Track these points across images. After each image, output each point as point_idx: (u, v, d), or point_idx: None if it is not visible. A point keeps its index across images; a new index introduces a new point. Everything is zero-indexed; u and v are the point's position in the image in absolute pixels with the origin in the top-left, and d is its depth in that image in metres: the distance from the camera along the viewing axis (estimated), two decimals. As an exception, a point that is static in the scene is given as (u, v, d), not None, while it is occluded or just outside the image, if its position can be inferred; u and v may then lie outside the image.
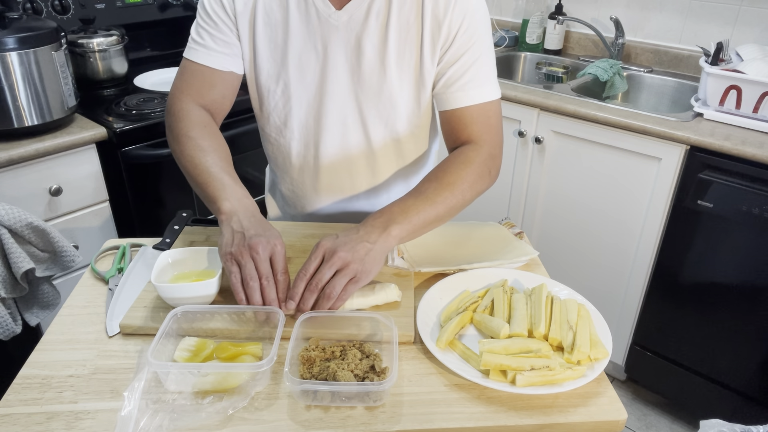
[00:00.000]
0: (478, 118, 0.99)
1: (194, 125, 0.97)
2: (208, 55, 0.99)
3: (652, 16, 2.20)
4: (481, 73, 0.98)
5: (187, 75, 1.01)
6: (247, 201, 0.88)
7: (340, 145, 1.05)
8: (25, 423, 0.67)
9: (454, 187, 0.94)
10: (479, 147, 0.99)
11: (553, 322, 0.80)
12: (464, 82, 0.97)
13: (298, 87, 1.01)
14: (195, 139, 0.95)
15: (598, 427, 0.71)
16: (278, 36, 0.98)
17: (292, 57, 0.99)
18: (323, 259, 0.82)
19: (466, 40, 0.95)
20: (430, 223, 0.91)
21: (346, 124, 1.03)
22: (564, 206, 1.98)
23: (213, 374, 0.70)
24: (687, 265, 1.73)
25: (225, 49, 0.99)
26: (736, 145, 1.54)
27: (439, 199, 0.92)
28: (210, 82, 1.00)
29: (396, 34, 0.96)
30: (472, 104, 0.98)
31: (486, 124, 1.00)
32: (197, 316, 0.79)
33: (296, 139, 1.06)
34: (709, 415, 0.86)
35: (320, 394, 0.70)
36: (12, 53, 1.42)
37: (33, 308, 1.37)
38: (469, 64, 0.97)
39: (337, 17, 0.95)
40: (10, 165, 1.44)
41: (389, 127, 1.04)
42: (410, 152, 1.10)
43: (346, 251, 0.81)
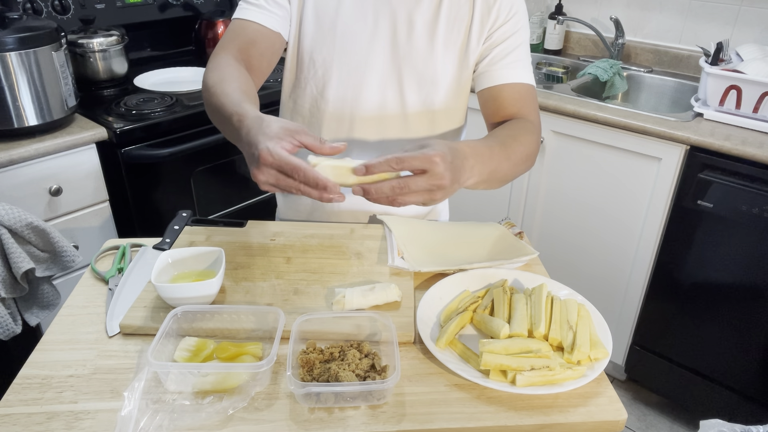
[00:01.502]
0: (527, 96, 1.02)
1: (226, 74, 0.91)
2: (258, 12, 0.98)
3: (652, 16, 2.20)
4: (525, 57, 1.03)
5: (230, 33, 1.00)
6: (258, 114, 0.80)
7: (376, 117, 1.05)
8: (25, 423, 0.67)
9: (526, 152, 0.94)
10: (535, 125, 1.01)
11: (553, 322, 0.80)
12: (512, 60, 1.01)
13: (342, 56, 1.01)
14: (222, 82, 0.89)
15: (598, 427, 0.71)
16: (329, 2, 0.99)
17: (340, 25, 0.99)
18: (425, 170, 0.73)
19: (513, 24, 1.01)
20: (493, 178, 0.89)
21: (384, 97, 1.04)
22: (564, 206, 1.98)
23: (213, 374, 0.70)
24: (687, 265, 1.73)
25: (275, 9, 0.99)
26: (736, 145, 1.54)
27: (513, 157, 0.91)
28: (252, 38, 0.98)
29: (447, 13, 0.99)
30: (520, 82, 1.01)
31: (534, 105, 1.03)
32: (197, 316, 0.79)
33: (330, 111, 1.06)
34: (709, 415, 0.86)
35: (323, 396, 0.70)
36: (12, 53, 1.42)
37: (33, 308, 1.37)
38: (515, 45, 1.01)
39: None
40: (10, 165, 1.44)
41: (427, 105, 1.05)
42: (444, 131, 1.11)
43: (449, 181, 0.74)
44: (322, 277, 0.92)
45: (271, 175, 0.71)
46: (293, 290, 0.88)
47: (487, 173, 0.85)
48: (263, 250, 0.98)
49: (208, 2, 2.21)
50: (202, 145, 1.72)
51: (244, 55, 0.97)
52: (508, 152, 0.91)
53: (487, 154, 0.85)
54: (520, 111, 1.01)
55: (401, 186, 0.72)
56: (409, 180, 0.72)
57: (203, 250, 0.89)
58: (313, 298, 0.87)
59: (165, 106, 1.70)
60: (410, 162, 0.72)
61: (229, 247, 0.97)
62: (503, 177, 0.92)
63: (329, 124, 1.07)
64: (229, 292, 0.87)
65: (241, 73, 0.92)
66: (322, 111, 1.06)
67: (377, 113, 1.05)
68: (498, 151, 0.89)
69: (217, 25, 2.09)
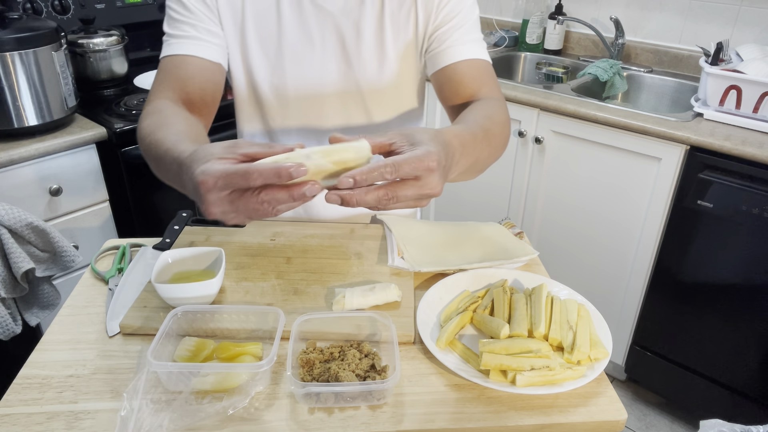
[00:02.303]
0: (486, 72, 0.96)
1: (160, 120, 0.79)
2: (188, 44, 0.89)
3: (652, 16, 2.20)
4: (477, 34, 0.97)
5: (160, 74, 0.89)
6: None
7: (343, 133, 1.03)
8: (25, 423, 0.67)
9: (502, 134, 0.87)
10: (503, 102, 0.94)
11: (553, 322, 0.80)
12: (463, 38, 0.95)
13: (296, 82, 0.97)
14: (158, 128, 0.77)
15: (598, 427, 0.71)
16: (270, 29, 0.94)
17: (287, 51, 0.95)
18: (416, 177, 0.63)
19: (457, 2, 0.95)
20: (473, 169, 0.82)
21: (348, 113, 1.02)
22: (564, 206, 1.98)
23: (213, 374, 0.70)
24: (687, 265, 1.73)
25: (207, 37, 0.90)
26: (736, 145, 1.54)
27: (494, 142, 0.84)
28: (186, 74, 0.88)
29: (390, 11, 0.95)
30: (476, 57, 0.95)
31: (495, 82, 0.96)
32: (197, 316, 0.79)
33: (295, 134, 1.04)
34: (709, 415, 0.86)
35: (323, 396, 0.70)
36: (12, 53, 1.42)
37: (33, 308, 1.37)
38: (463, 23, 0.95)
39: (332, 3, 0.93)
40: (10, 165, 1.45)
41: (394, 108, 1.03)
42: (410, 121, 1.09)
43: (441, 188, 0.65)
44: (322, 277, 0.92)
45: (222, 199, 0.58)
46: (293, 290, 0.88)
47: (470, 164, 0.78)
48: (263, 250, 0.98)
49: (208, 2, 2.21)
50: (202, 145, 1.72)
51: (182, 94, 0.88)
52: (489, 137, 0.83)
53: (471, 144, 0.77)
54: (482, 89, 0.94)
55: (389, 197, 0.62)
56: (399, 190, 0.62)
57: (203, 250, 0.89)
58: (313, 298, 0.87)
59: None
60: (405, 169, 0.61)
61: (229, 247, 0.97)
62: (482, 166, 0.86)
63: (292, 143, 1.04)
64: (229, 292, 0.87)
65: (179, 114, 0.83)
66: (285, 141, 1.02)
67: (343, 130, 1.02)
68: (481, 138, 0.81)
69: (217, 25, 2.10)
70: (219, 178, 0.57)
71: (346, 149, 0.62)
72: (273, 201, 0.58)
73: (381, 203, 0.62)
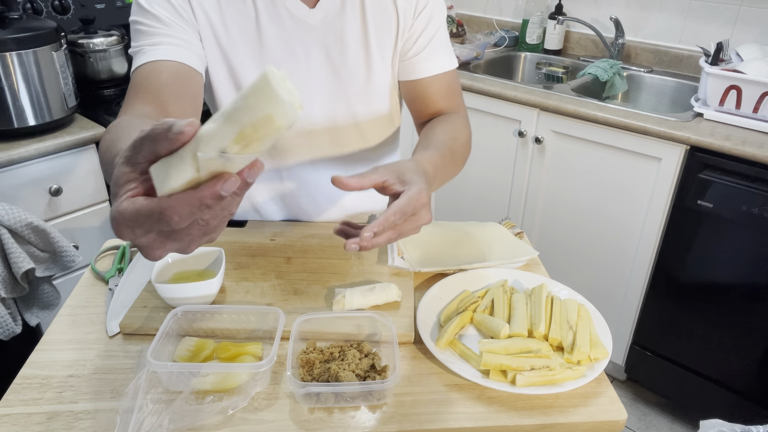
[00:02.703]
0: (453, 86, 1.02)
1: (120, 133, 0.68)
2: (161, 49, 0.81)
3: (652, 16, 2.20)
4: (445, 41, 1.01)
5: (131, 89, 0.81)
6: None
7: (329, 134, 1.02)
8: (25, 423, 0.67)
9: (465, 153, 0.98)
10: (465, 117, 1.03)
11: (553, 322, 0.80)
12: (434, 48, 0.99)
13: None
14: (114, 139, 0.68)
15: (598, 427, 0.71)
16: (252, 46, 0.91)
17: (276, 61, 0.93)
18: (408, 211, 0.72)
19: (430, 9, 0.97)
20: (439, 185, 0.90)
21: (336, 124, 1.01)
22: (564, 206, 1.98)
23: (213, 374, 0.70)
24: (687, 265, 1.73)
25: (185, 44, 0.84)
26: (736, 145, 1.54)
27: (459, 160, 0.95)
28: (160, 82, 0.79)
29: (373, 20, 0.95)
30: (444, 71, 1.00)
31: (460, 94, 1.04)
32: (197, 316, 0.79)
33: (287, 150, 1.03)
34: (709, 415, 0.86)
35: (323, 396, 0.70)
36: (12, 53, 1.42)
37: (33, 308, 1.37)
38: (434, 30, 0.99)
39: (312, 16, 0.92)
40: (10, 165, 1.45)
41: (378, 112, 1.03)
42: (394, 130, 1.11)
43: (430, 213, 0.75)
44: (322, 277, 0.92)
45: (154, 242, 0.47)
46: (293, 290, 0.88)
47: (440, 184, 0.88)
48: (263, 250, 0.98)
49: (208, 2, 2.21)
50: (202, 145, 1.72)
51: (156, 105, 0.78)
52: (455, 158, 0.94)
53: (442, 168, 0.87)
54: (450, 105, 1.02)
55: (396, 235, 0.73)
56: (402, 227, 0.73)
57: (203, 250, 0.89)
58: (313, 298, 0.87)
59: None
60: (407, 210, 0.71)
61: (229, 247, 0.97)
62: (446, 181, 0.93)
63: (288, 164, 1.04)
64: (229, 292, 0.87)
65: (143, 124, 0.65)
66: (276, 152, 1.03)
67: (330, 132, 1.02)
68: (449, 159, 0.90)
69: (217, 25, 2.09)
70: (134, 224, 0.44)
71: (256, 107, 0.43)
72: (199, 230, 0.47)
73: (391, 241, 0.73)
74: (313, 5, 0.92)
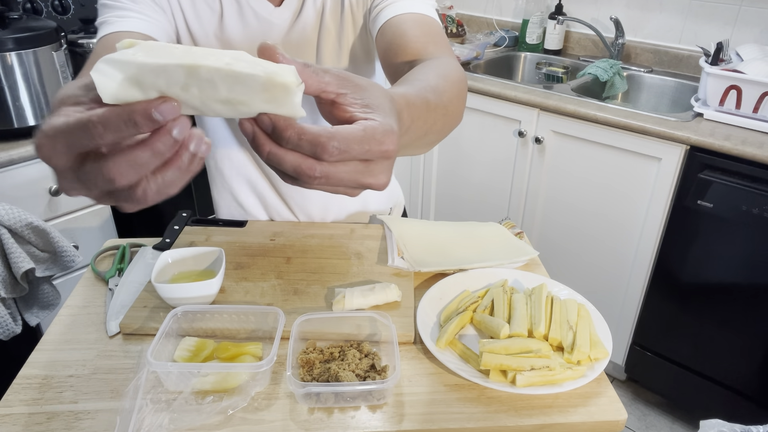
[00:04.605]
0: (436, 30, 0.82)
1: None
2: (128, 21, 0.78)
3: (652, 16, 2.20)
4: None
5: (90, 60, 0.75)
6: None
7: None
8: (25, 423, 0.67)
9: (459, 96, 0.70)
10: (458, 63, 0.76)
11: (553, 322, 0.80)
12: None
13: None
14: None
15: (598, 427, 0.71)
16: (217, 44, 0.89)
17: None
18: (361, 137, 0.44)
19: None
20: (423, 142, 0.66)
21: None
22: (564, 206, 1.98)
23: (213, 374, 0.70)
24: (687, 265, 1.73)
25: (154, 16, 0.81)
26: (736, 145, 1.54)
27: (450, 108, 0.67)
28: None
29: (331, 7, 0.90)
30: (422, 13, 0.83)
31: (447, 43, 0.82)
32: (197, 316, 0.79)
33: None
34: (709, 415, 0.86)
35: (323, 396, 0.70)
36: (12, 53, 1.42)
37: (33, 308, 1.37)
38: None
39: (278, 14, 0.89)
40: (10, 165, 1.44)
41: None
42: None
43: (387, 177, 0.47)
44: (322, 277, 0.92)
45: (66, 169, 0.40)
46: (293, 290, 0.88)
47: (416, 138, 0.60)
48: (263, 250, 0.98)
49: (208, 2, 2.21)
50: (202, 145, 1.72)
51: None
52: (444, 103, 0.65)
53: (423, 114, 0.60)
54: (429, 47, 0.77)
55: (317, 174, 0.43)
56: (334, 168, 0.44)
57: (203, 250, 0.89)
58: (313, 298, 0.87)
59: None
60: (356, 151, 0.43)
61: (229, 247, 0.97)
62: (434, 138, 0.67)
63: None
64: (229, 292, 0.87)
65: None
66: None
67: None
68: (434, 104, 0.63)
69: (217, 25, 2.09)
70: (56, 138, 0.38)
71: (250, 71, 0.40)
72: (128, 167, 0.38)
73: (302, 177, 0.43)
74: (278, 3, 0.89)
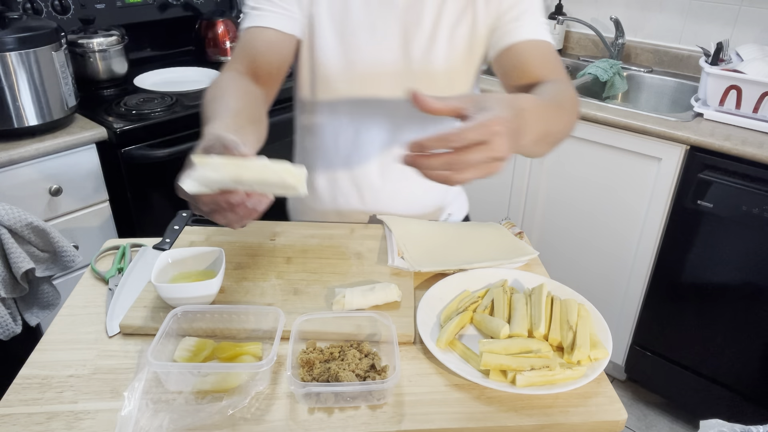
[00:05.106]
0: (553, 56, 0.95)
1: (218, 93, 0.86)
2: (264, 16, 0.95)
3: (652, 16, 2.20)
4: (541, 18, 0.97)
5: (237, 46, 0.97)
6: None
7: (390, 130, 1.05)
8: (25, 423, 0.67)
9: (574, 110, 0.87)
10: (571, 84, 0.94)
11: (553, 322, 0.80)
12: (528, 20, 0.95)
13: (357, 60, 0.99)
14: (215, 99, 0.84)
15: (598, 427, 0.71)
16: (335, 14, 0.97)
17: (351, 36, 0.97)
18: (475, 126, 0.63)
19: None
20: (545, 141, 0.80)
21: (397, 109, 1.02)
22: (564, 206, 1.98)
23: (213, 374, 0.70)
24: (687, 265, 1.73)
25: (284, 11, 0.95)
26: (736, 145, 1.54)
27: (564, 118, 0.83)
28: (258, 46, 0.95)
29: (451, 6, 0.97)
30: (542, 39, 0.95)
31: (563, 67, 0.95)
32: (197, 316, 0.79)
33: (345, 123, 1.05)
34: (709, 415, 0.86)
35: (323, 396, 0.70)
36: (12, 53, 1.42)
37: (33, 308, 1.37)
38: (527, 6, 0.96)
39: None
40: (10, 165, 1.44)
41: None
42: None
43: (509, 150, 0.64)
44: (322, 277, 0.92)
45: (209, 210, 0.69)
46: (293, 290, 0.88)
47: (542, 133, 0.75)
48: (263, 250, 0.98)
49: (208, 2, 2.21)
50: (202, 145, 1.72)
51: (251, 66, 0.94)
52: (561, 111, 0.83)
53: (545, 111, 0.76)
54: (549, 74, 0.92)
55: (456, 161, 0.62)
56: (465, 154, 0.62)
57: (203, 250, 0.89)
58: (313, 298, 0.87)
59: (165, 106, 1.70)
60: (471, 136, 0.61)
61: (229, 247, 0.97)
62: (553, 140, 0.83)
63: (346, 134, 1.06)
64: (229, 292, 0.87)
65: (237, 87, 0.88)
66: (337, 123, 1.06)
67: (389, 115, 1.04)
68: (554, 108, 0.80)
69: (217, 25, 2.09)
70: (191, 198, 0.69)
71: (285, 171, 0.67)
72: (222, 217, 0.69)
73: (452, 167, 0.62)
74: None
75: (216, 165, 0.64)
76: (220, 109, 0.80)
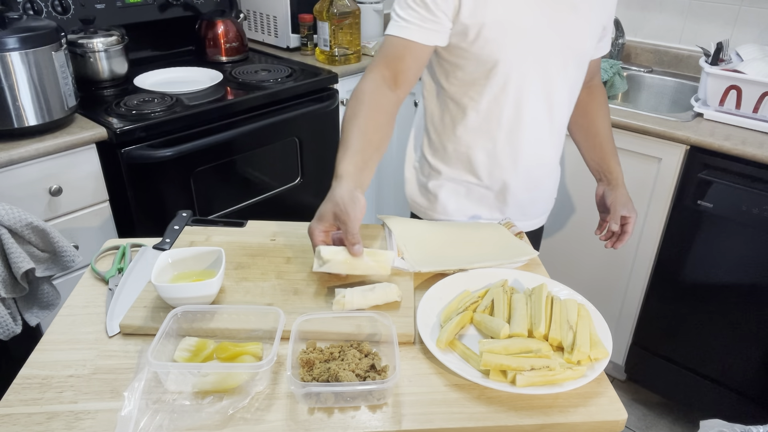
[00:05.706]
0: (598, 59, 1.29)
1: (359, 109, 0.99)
2: (410, 29, 1.01)
3: (652, 16, 2.20)
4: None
5: (381, 49, 1.05)
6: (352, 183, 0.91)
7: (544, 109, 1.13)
8: (25, 423, 0.67)
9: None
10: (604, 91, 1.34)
11: (553, 322, 0.80)
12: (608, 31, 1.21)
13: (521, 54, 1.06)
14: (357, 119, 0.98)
15: (598, 427, 0.71)
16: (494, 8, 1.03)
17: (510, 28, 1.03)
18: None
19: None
20: None
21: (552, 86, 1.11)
22: (564, 206, 1.98)
23: (213, 374, 0.70)
24: (687, 265, 1.73)
25: (432, 25, 1.01)
26: (736, 145, 1.54)
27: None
28: (399, 54, 1.03)
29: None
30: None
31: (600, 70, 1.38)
32: (197, 316, 0.79)
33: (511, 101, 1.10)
34: (709, 415, 0.86)
35: (323, 396, 0.70)
36: (12, 53, 1.42)
37: (33, 308, 1.37)
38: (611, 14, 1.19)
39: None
40: (10, 165, 1.44)
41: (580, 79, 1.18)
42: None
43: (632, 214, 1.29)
44: (322, 277, 0.92)
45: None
46: (293, 290, 0.88)
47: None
48: (263, 250, 0.98)
49: (208, 2, 2.21)
50: (202, 145, 1.72)
51: (394, 73, 1.04)
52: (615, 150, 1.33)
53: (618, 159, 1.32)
54: (595, 77, 1.31)
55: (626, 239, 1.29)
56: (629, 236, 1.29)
57: (203, 250, 0.89)
58: (313, 298, 0.87)
59: (165, 106, 1.70)
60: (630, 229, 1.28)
61: (229, 247, 0.97)
62: None
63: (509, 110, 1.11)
64: (229, 292, 0.87)
65: (372, 104, 1.00)
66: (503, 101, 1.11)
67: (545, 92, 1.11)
68: (614, 148, 1.33)
69: (217, 25, 2.09)
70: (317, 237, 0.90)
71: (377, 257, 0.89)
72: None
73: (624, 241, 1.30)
74: None
75: (333, 263, 0.86)
76: (353, 139, 0.95)
